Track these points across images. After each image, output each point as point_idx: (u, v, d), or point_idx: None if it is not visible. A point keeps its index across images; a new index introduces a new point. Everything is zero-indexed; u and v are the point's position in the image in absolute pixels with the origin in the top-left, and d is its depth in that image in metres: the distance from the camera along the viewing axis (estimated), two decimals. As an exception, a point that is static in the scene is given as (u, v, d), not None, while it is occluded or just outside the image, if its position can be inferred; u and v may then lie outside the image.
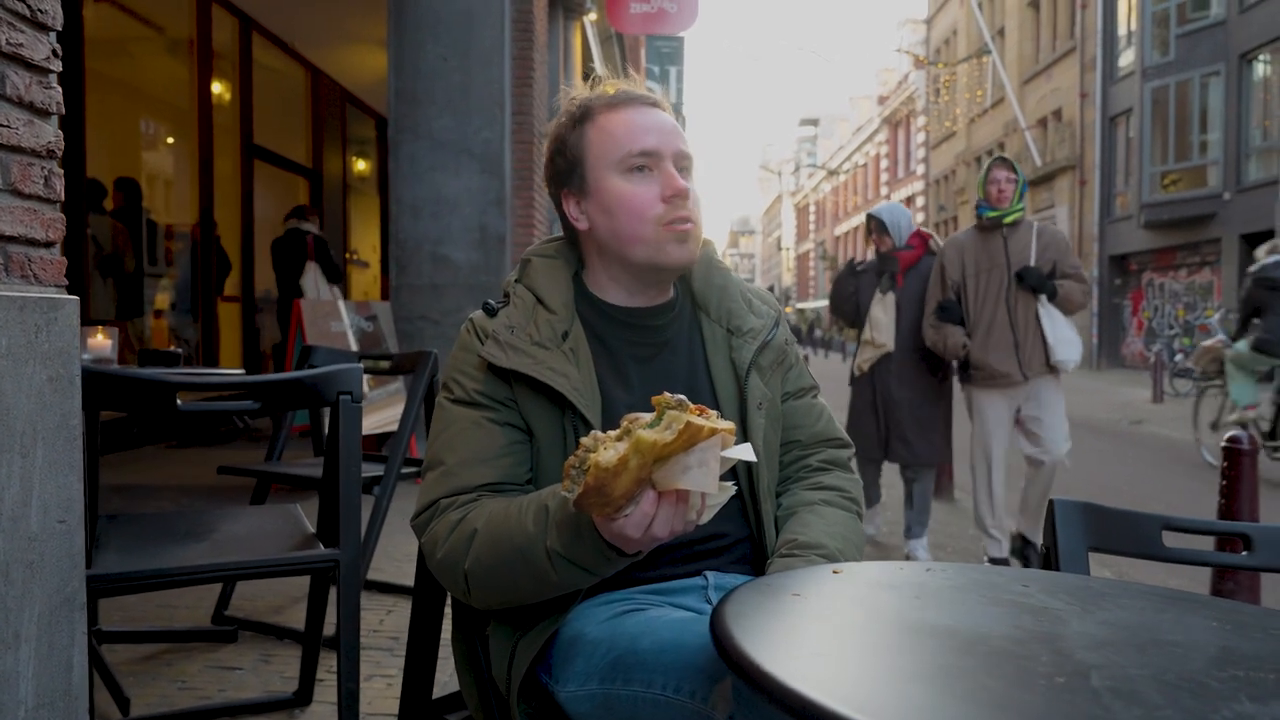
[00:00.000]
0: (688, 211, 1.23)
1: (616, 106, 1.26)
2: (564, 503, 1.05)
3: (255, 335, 9.06)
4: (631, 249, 1.24)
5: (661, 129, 1.25)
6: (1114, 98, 21.03)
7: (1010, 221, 3.90)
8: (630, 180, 1.23)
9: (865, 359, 4.18)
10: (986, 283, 3.89)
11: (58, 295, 1.18)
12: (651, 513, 0.94)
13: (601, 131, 1.25)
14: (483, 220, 5.38)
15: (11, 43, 1.09)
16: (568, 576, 1.06)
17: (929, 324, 3.95)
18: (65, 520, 1.19)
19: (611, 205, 1.24)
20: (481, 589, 1.12)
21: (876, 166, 44.16)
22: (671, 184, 1.22)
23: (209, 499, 4.59)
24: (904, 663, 0.76)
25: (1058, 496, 1.35)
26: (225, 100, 8.45)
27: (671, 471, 0.91)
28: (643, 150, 1.23)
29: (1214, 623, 0.92)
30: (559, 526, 1.04)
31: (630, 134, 1.24)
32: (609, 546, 1.01)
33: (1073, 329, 3.88)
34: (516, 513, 1.10)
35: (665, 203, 1.22)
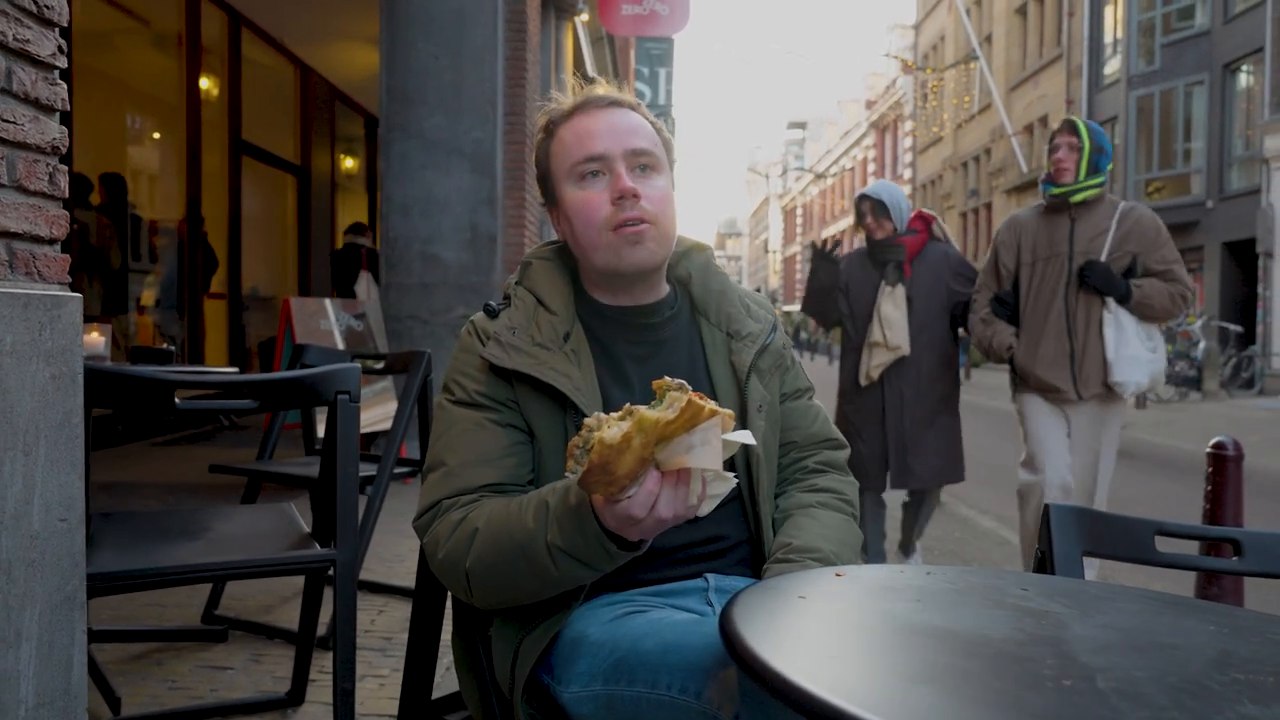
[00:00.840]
0: (639, 212, 1.21)
1: (572, 115, 1.27)
2: (565, 498, 1.05)
3: (241, 332, 9.02)
4: (591, 256, 1.25)
5: (611, 130, 1.24)
6: (1099, 105, 21.21)
7: (1079, 200, 3.14)
8: (582, 187, 1.24)
9: (877, 364, 3.52)
10: (1043, 275, 3.20)
11: (61, 293, 1.17)
12: (655, 491, 0.94)
13: (560, 143, 1.26)
14: (473, 220, 5.38)
15: (18, 38, 1.09)
16: (569, 571, 1.06)
17: (979, 317, 3.34)
18: (66, 519, 1.19)
19: (570, 214, 1.26)
20: (483, 587, 1.12)
21: (864, 170, 44.36)
22: (616, 185, 1.21)
23: (197, 497, 4.57)
24: (912, 664, 0.77)
25: (1055, 503, 1.37)
26: (213, 96, 8.40)
27: (675, 451, 0.92)
28: (588, 156, 1.23)
29: (1210, 626, 0.94)
30: (560, 521, 1.04)
31: (579, 141, 1.24)
32: (610, 538, 1.01)
33: (1150, 342, 3.12)
34: (517, 510, 1.10)
35: (613, 205, 1.21)
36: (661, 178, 1.26)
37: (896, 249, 3.58)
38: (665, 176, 1.27)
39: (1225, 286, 16.98)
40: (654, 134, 1.27)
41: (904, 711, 0.64)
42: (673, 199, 1.28)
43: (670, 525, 0.98)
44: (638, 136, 1.24)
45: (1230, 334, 15.78)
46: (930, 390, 3.58)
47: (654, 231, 1.23)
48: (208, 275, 8.24)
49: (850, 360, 3.69)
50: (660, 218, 1.24)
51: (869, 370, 3.55)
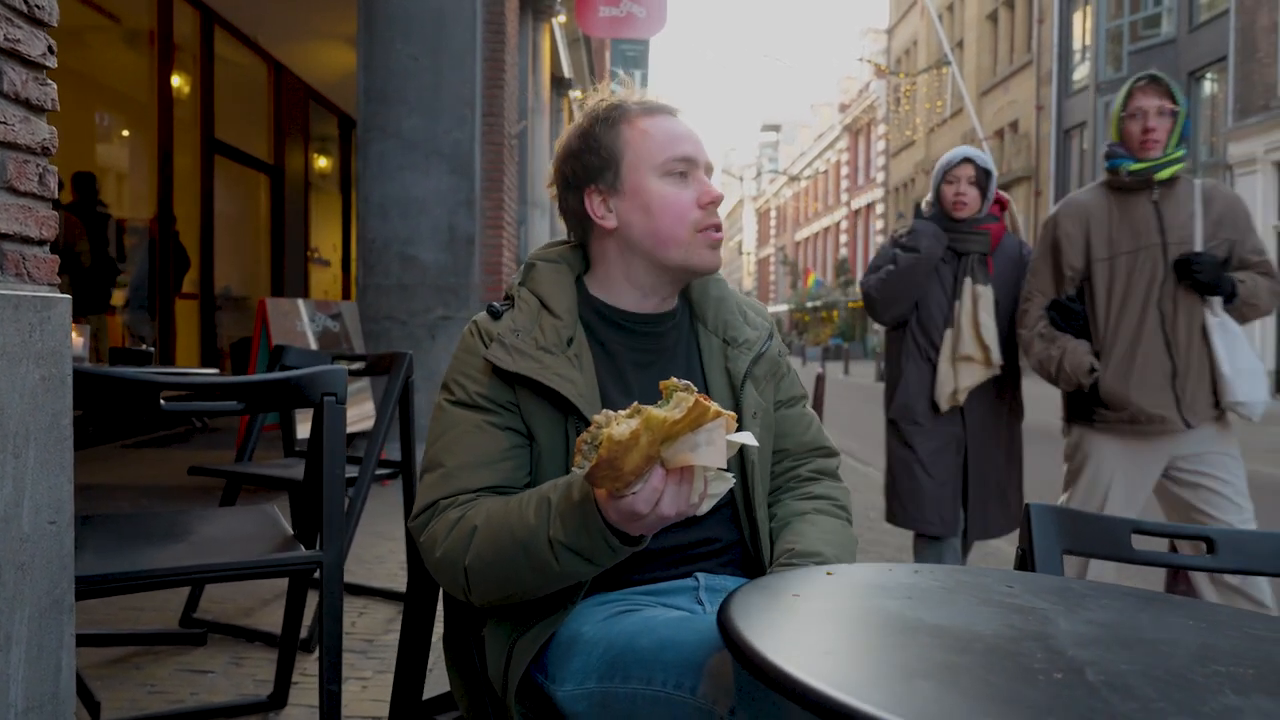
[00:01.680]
0: (719, 220, 1.29)
1: (653, 112, 1.30)
2: (568, 493, 1.06)
3: (213, 333, 8.92)
4: (666, 250, 1.26)
5: (696, 139, 1.30)
6: (1069, 111, 21.55)
7: (1166, 177, 2.50)
8: (670, 183, 1.26)
9: (969, 385, 2.79)
10: (1128, 273, 2.52)
11: (51, 294, 1.17)
12: (660, 488, 0.96)
13: (642, 134, 1.27)
14: (452, 221, 5.36)
15: (9, 38, 1.08)
16: (570, 566, 1.07)
17: (1034, 332, 2.64)
18: (55, 521, 1.18)
19: (652, 206, 1.26)
20: (481, 584, 1.12)
21: (837, 173, 44.68)
22: (709, 192, 1.27)
23: (174, 499, 4.51)
24: (907, 659, 0.79)
25: (1033, 501, 1.40)
26: (185, 94, 8.31)
27: (680, 449, 0.94)
28: (683, 156, 1.27)
29: (1190, 621, 0.97)
30: (563, 516, 1.05)
31: (672, 139, 1.27)
32: (613, 533, 1.02)
33: (1254, 352, 2.54)
34: (517, 507, 1.11)
35: (702, 209, 1.26)
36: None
37: (980, 237, 2.86)
38: None
39: (1190, 290, 17.32)
40: None
41: (903, 705, 0.66)
42: None
43: (671, 522, 1.00)
44: (708, 152, 1.32)
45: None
46: (1012, 418, 2.95)
47: (722, 241, 1.32)
48: (179, 275, 8.14)
49: (917, 376, 2.89)
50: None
51: (956, 391, 2.81)
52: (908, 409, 2.91)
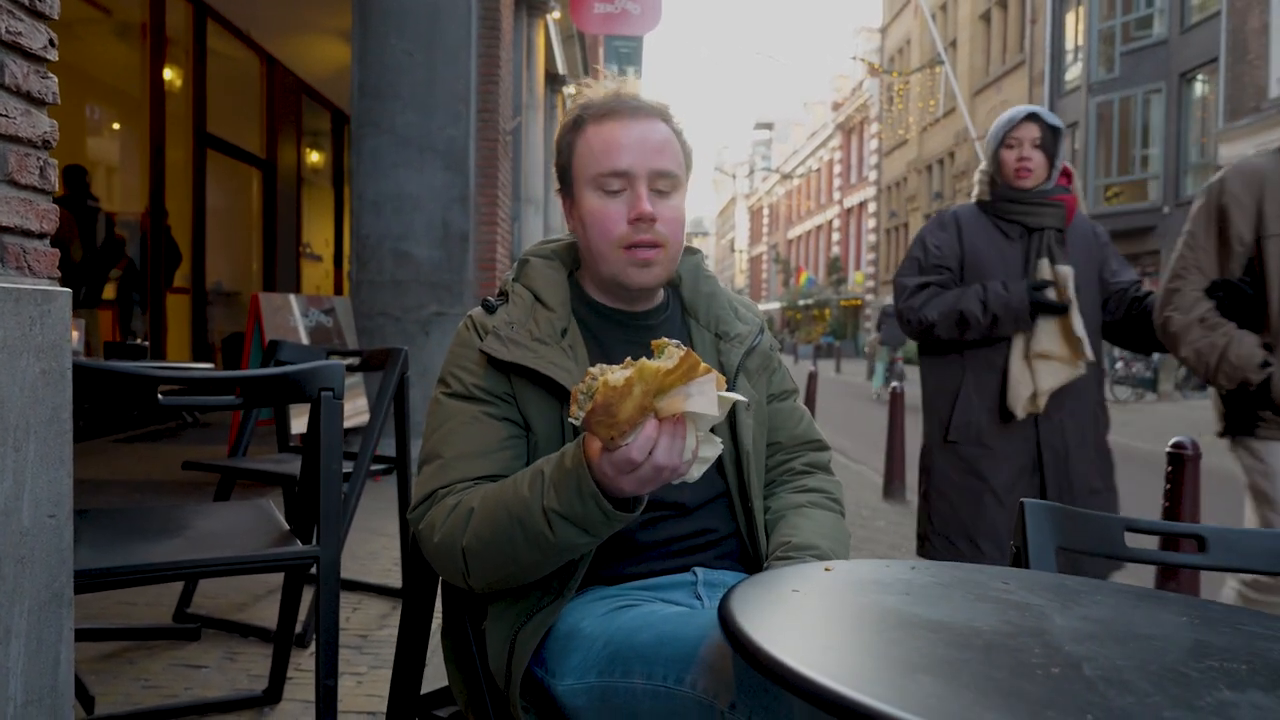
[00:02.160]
0: (651, 236, 1.23)
1: (605, 117, 1.26)
2: (560, 462, 1.07)
3: (204, 327, 8.88)
4: (598, 265, 1.28)
5: (641, 146, 1.23)
6: (1061, 111, 21.61)
7: None
8: (602, 198, 1.24)
9: (1050, 387, 2.40)
10: None
11: (51, 287, 1.16)
12: (654, 436, 0.97)
13: (587, 144, 1.26)
14: (445, 217, 5.36)
15: (11, 31, 1.08)
16: (566, 537, 1.06)
17: (1193, 317, 2.19)
18: (55, 515, 1.18)
19: (585, 220, 1.27)
20: (480, 564, 1.12)
21: (830, 171, 44.75)
22: (635, 207, 1.22)
23: (166, 494, 4.50)
24: (908, 654, 0.80)
25: (1029, 500, 1.41)
26: (177, 87, 8.27)
27: (674, 400, 0.96)
28: (613, 170, 1.23)
29: (1183, 618, 0.98)
30: (556, 485, 1.06)
31: (607, 151, 1.23)
32: (606, 498, 1.02)
33: None
34: (512, 484, 1.12)
35: (630, 224, 1.23)
36: (678, 197, 1.28)
37: (1055, 210, 2.44)
38: (682, 194, 1.29)
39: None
40: (679, 149, 1.28)
41: (906, 698, 0.67)
42: (684, 218, 1.29)
43: (665, 479, 1.00)
44: (664, 156, 1.25)
45: (1185, 337, 16.15)
46: (1095, 425, 2.52)
47: (663, 255, 1.26)
48: (171, 269, 8.10)
49: (981, 384, 2.46)
50: (671, 240, 1.26)
51: (1036, 395, 2.40)
52: (972, 427, 2.44)
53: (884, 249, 35.30)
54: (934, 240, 2.55)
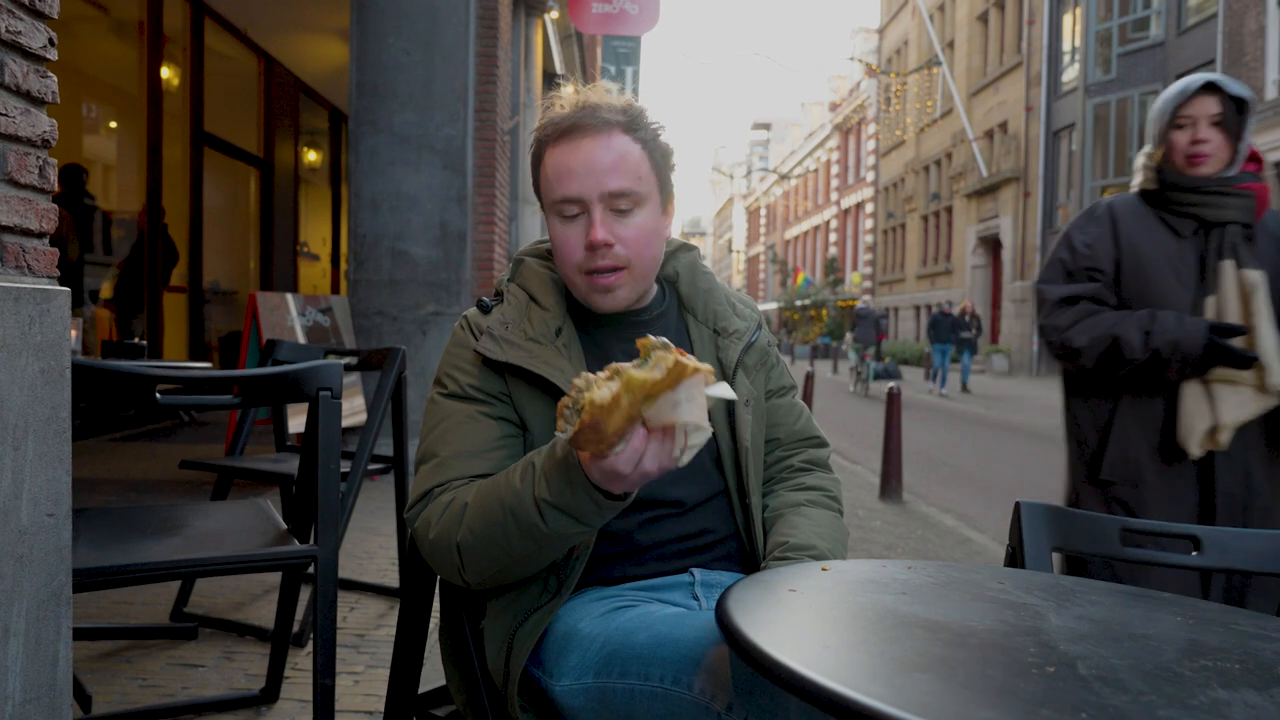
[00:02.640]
0: (610, 261, 1.22)
1: (560, 139, 1.23)
2: (551, 452, 1.07)
3: (202, 326, 8.87)
4: (569, 285, 1.29)
5: (589, 169, 1.20)
6: (1058, 112, 21.66)
7: None
8: (563, 223, 1.24)
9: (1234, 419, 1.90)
10: None
11: (50, 287, 1.17)
12: (642, 449, 0.97)
13: (544, 171, 1.26)
14: (443, 217, 5.36)
15: (11, 30, 1.08)
16: (558, 526, 1.06)
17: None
18: (54, 514, 1.18)
19: (552, 242, 1.28)
20: (474, 559, 1.12)
21: (827, 172, 44.77)
22: (591, 234, 1.20)
23: (163, 493, 4.50)
24: (904, 654, 0.80)
25: (1025, 500, 1.42)
26: (175, 86, 8.25)
27: (661, 408, 0.95)
28: (565, 197, 1.22)
29: (1178, 617, 0.99)
30: (547, 476, 1.06)
31: (559, 178, 1.22)
32: (597, 489, 1.02)
33: None
34: (504, 477, 1.12)
35: (587, 251, 1.22)
36: (641, 213, 1.23)
37: (1241, 201, 1.97)
38: (648, 209, 1.24)
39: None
40: (639, 161, 1.23)
41: (902, 697, 0.67)
42: (654, 232, 1.25)
43: (654, 478, 1.00)
44: (617, 174, 1.20)
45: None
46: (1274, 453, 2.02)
47: (627, 276, 1.24)
48: (168, 268, 8.09)
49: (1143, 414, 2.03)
50: (636, 259, 1.23)
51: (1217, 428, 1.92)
52: (1130, 464, 2.01)
53: (881, 249, 35.33)
54: (1083, 238, 2.09)
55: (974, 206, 25.94)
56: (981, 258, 25.83)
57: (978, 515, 5.79)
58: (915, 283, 30.84)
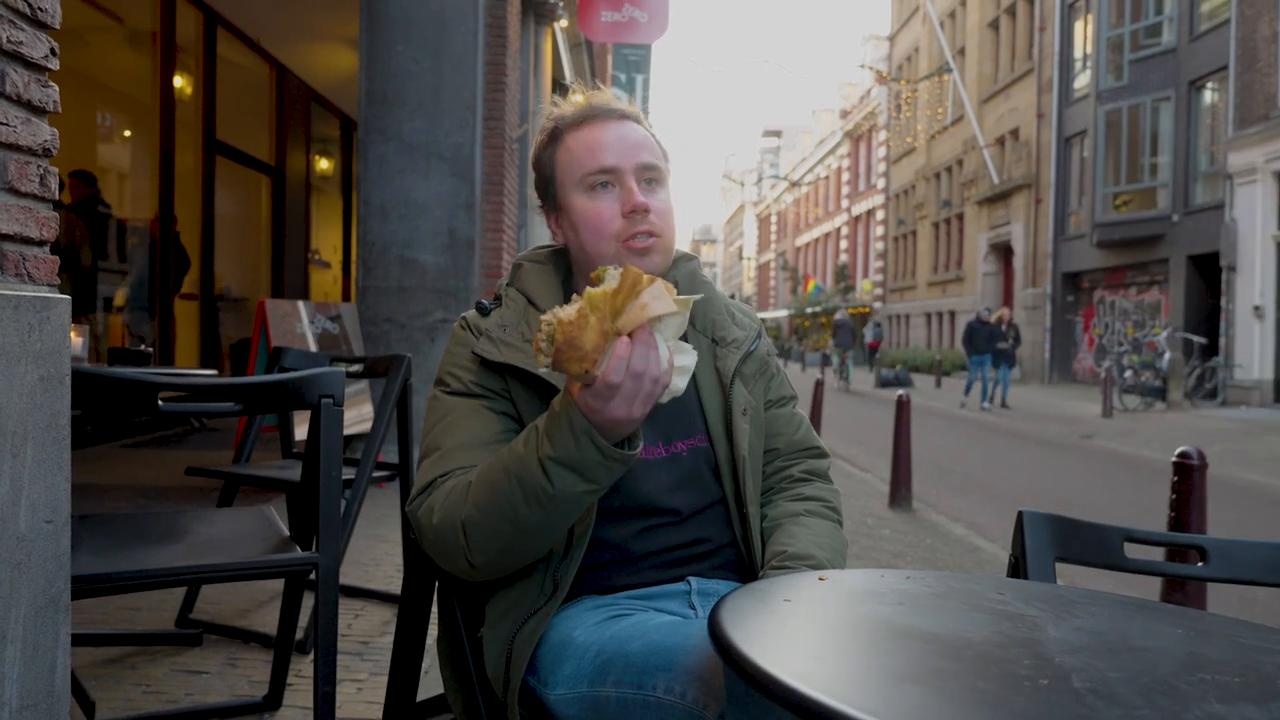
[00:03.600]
0: (648, 225, 1.25)
1: (581, 124, 1.29)
2: (549, 412, 1.07)
3: (214, 333, 8.92)
4: (595, 264, 1.28)
5: (623, 143, 1.27)
6: (1069, 119, 21.57)
7: None
8: (593, 197, 1.26)
9: None
10: None
11: (50, 294, 1.17)
12: (627, 353, 0.98)
13: (567, 151, 1.29)
14: (452, 224, 5.37)
15: (11, 40, 1.09)
16: (565, 485, 1.05)
17: None
18: (52, 521, 1.19)
19: (577, 222, 1.28)
20: (480, 535, 1.10)
21: (838, 179, 44.72)
22: (629, 199, 1.24)
23: (171, 499, 4.52)
24: (897, 665, 0.79)
25: (1026, 509, 1.41)
26: (187, 95, 8.32)
27: (631, 315, 0.97)
28: (601, 168, 1.25)
29: (1179, 630, 0.98)
30: (549, 433, 1.06)
31: (590, 152, 1.26)
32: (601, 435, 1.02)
33: None
34: (508, 449, 1.12)
35: (625, 218, 1.25)
36: (665, 191, 1.30)
37: None
38: (668, 189, 1.30)
39: (1190, 299, 17.34)
40: (656, 147, 1.30)
41: (892, 709, 0.67)
42: (674, 211, 1.31)
43: (651, 391, 1.00)
44: (646, 151, 1.27)
45: (1194, 346, 16.11)
46: None
47: (660, 244, 1.27)
48: (180, 275, 8.15)
49: None
50: (665, 230, 1.28)
51: None
52: None
53: (892, 256, 35.24)
54: None
55: (985, 213, 25.86)
56: (993, 265, 25.73)
57: (988, 524, 5.76)
58: (926, 290, 30.75)
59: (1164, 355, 15.77)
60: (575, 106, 1.30)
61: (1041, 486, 7.37)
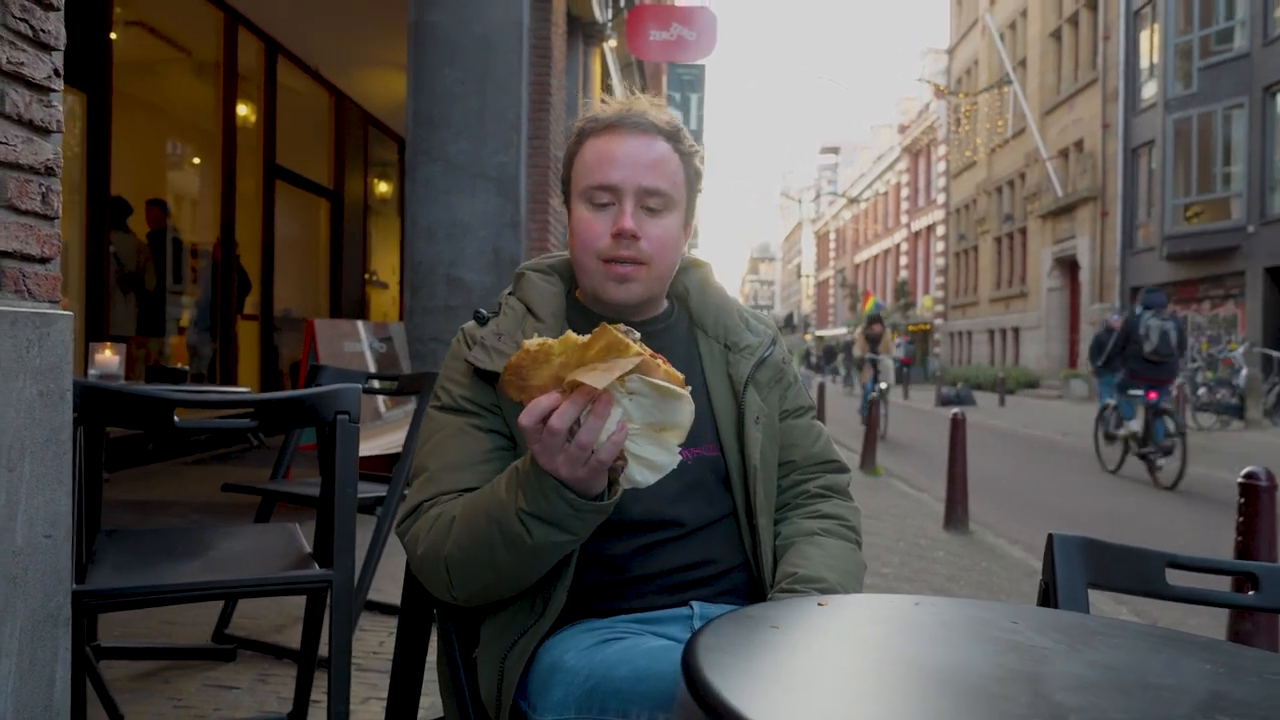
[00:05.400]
0: (632, 253, 1.21)
1: (603, 132, 1.26)
2: (526, 457, 1.05)
3: (274, 354, 9.14)
4: (581, 275, 1.27)
5: (633, 162, 1.22)
6: (1136, 129, 20.95)
7: None
8: (590, 210, 1.24)
9: None
10: None
11: (51, 311, 1.18)
12: (547, 405, 0.95)
13: (582, 159, 1.27)
14: (497, 243, 5.41)
15: (12, 61, 1.11)
16: (543, 537, 1.03)
17: None
18: (52, 535, 1.19)
19: (572, 229, 1.27)
20: (462, 574, 1.10)
21: (897, 195, 44.16)
22: (619, 222, 1.21)
23: (218, 514, 4.61)
24: (878, 702, 0.74)
25: (1059, 532, 1.33)
26: (250, 122, 8.58)
27: (580, 371, 0.93)
28: (602, 184, 1.22)
29: (1208, 665, 0.90)
30: (523, 483, 1.03)
31: (599, 164, 1.23)
32: (567, 488, 0.99)
33: None
34: (490, 488, 1.10)
35: (613, 238, 1.21)
36: (671, 218, 1.25)
37: None
38: (673, 217, 1.25)
39: (1268, 312, 16.59)
40: (677, 169, 1.26)
41: (854, 750, 0.61)
42: (677, 239, 1.26)
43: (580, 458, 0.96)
44: (655, 173, 1.23)
45: (1273, 361, 15.40)
46: None
47: (645, 273, 1.24)
48: (241, 297, 8.38)
49: None
50: (657, 259, 1.24)
51: None
52: None
53: (953, 272, 34.58)
54: None
55: (1049, 227, 25.22)
56: (1058, 280, 25.05)
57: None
58: (988, 306, 30.07)
59: (1240, 371, 15.03)
60: (610, 111, 1.28)
61: (1110, 508, 7.09)
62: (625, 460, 0.98)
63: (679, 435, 0.97)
